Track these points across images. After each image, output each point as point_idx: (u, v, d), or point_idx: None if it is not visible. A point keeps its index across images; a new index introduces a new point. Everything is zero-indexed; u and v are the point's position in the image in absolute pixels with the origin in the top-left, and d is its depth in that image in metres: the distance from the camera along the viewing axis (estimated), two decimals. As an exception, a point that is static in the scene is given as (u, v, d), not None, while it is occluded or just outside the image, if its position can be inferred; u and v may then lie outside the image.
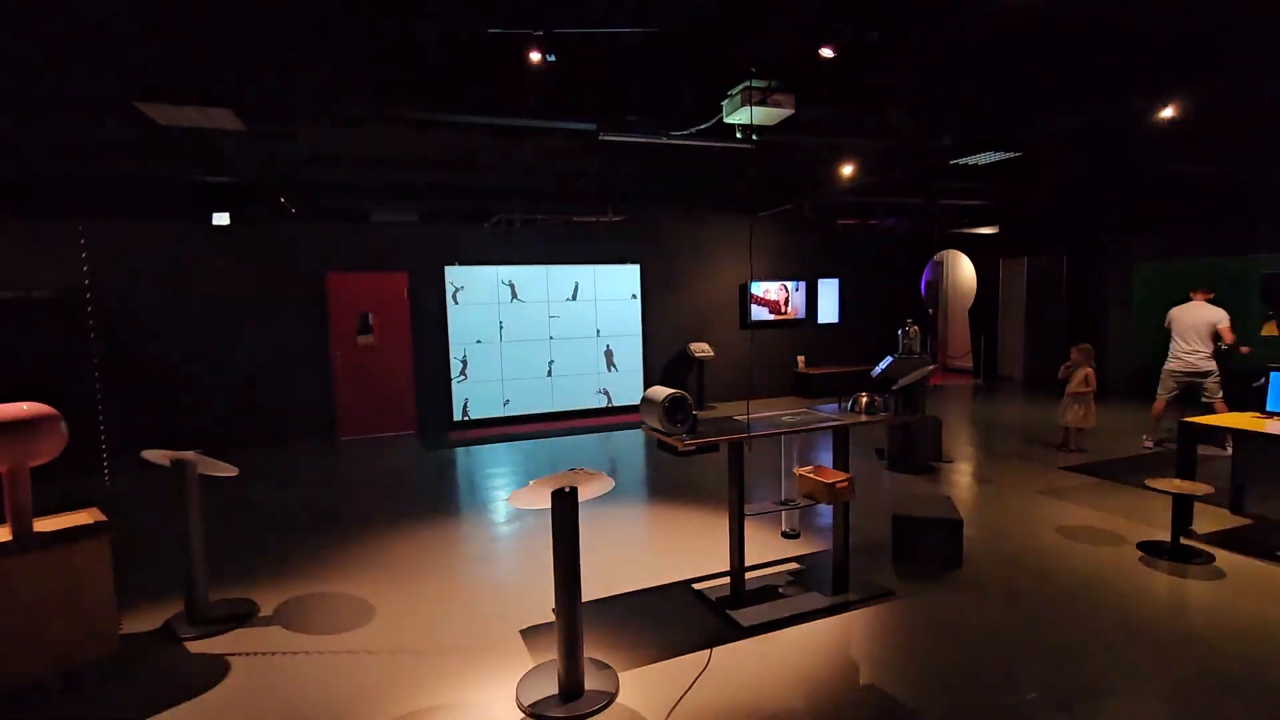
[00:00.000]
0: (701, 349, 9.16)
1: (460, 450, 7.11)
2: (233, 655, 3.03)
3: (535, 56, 4.01)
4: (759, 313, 9.93)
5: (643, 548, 4.35)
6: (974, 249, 11.84)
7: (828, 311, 10.54)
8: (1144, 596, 3.46)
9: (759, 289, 9.88)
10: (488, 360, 8.21)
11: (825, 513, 4.65)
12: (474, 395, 8.17)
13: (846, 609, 3.34)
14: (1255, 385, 4.32)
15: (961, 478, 5.65)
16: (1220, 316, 6.03)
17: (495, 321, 8.21)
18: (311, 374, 7.54)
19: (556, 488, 2.55)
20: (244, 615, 3.38)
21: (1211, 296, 6.18)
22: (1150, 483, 3.99)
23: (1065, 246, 10.46)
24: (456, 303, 8.01)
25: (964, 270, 12.24)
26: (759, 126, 4.26)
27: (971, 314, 11.96)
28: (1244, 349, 6.04)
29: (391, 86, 5.42)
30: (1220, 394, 6.04)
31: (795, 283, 10.15)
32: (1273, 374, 4.22)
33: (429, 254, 7.98)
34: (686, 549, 4.17)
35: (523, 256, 8.41)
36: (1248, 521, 4.44)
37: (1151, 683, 2.71)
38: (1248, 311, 7.83)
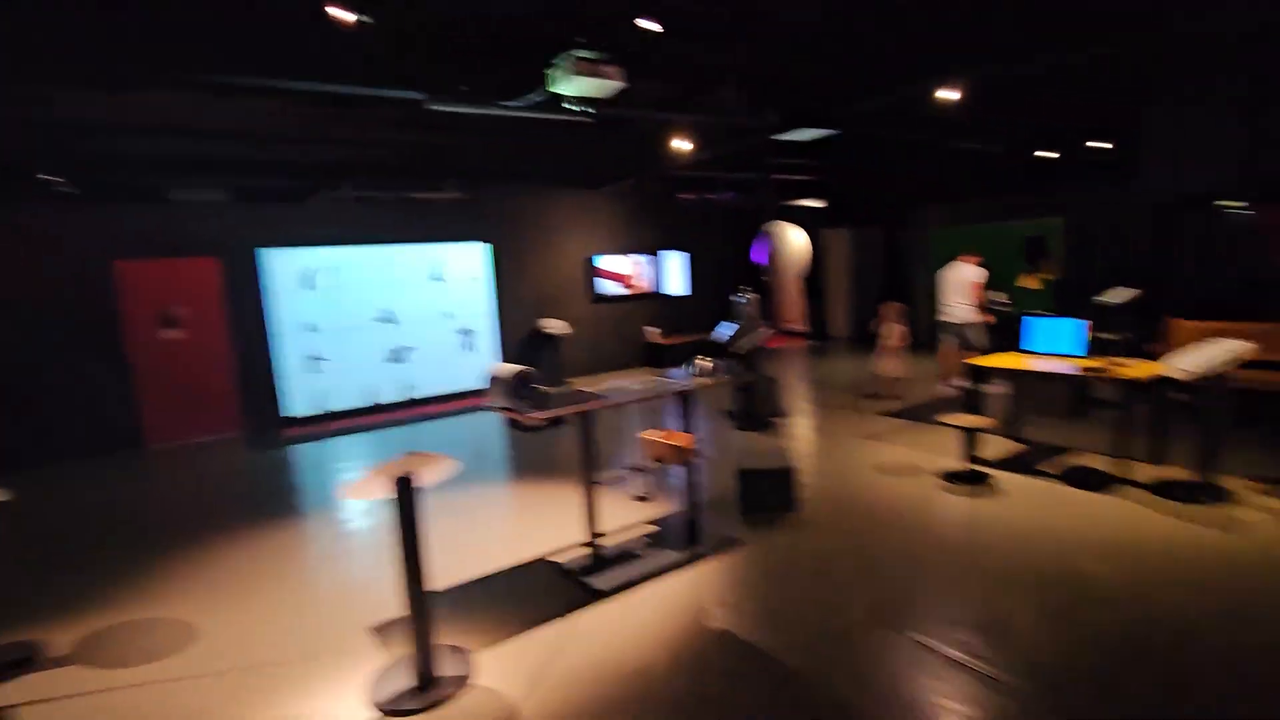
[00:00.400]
0: (556, 325, 9.12)
1: (295, 449, 6.55)
2: (14, 706, 2.60)
3: (345, 16, 3.69)
4: (612, 287, 10.05)
5: (500, 528, 4.29)
6: (805, 220, 12.79)
7: (677, 283, 10.90)
8: (944, 516, 4.01)
9: (608, 263, 9.99)
10: (325, 349, 7.61)
11: (683, 474, 4.87)
12: (314, 388, 7.54)
13: (698, 561, 3.54)
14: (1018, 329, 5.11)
15: (797, 429, 6.16)
16: (975, 274, 6.95)
17: (327, 308, 7.60)
18: (105, 376, 6.53)
19: (394, 475, 2.44)
20: (23, 660, 2.90)
21: (979, 260, 7.09)
22: (943, 419, 4.60)
23: (881, 216, 11.61)
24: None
25: (795, 240, 13.18)
26: (588, 99, 4.25)
27: (804, 281, 12.95)
28: (989, 318, 6.95)
29: (178, 45, 4.74)
30: (980, 342, 6.96)
31: (646, 256, 10.38)
32: (1024, 319, 5.03)
33: (243, 236, 7.17)
34: (544, 524, 4.18)
35: (356, 236, 7.82)
36: (1022, 447, 5.28)
37: (952, 586, 3.16)
38: (1014, 267, 9.23)
